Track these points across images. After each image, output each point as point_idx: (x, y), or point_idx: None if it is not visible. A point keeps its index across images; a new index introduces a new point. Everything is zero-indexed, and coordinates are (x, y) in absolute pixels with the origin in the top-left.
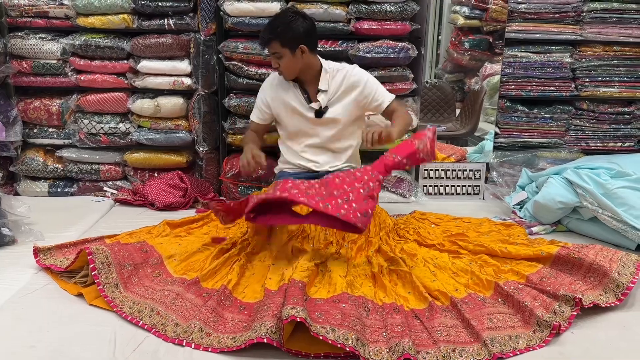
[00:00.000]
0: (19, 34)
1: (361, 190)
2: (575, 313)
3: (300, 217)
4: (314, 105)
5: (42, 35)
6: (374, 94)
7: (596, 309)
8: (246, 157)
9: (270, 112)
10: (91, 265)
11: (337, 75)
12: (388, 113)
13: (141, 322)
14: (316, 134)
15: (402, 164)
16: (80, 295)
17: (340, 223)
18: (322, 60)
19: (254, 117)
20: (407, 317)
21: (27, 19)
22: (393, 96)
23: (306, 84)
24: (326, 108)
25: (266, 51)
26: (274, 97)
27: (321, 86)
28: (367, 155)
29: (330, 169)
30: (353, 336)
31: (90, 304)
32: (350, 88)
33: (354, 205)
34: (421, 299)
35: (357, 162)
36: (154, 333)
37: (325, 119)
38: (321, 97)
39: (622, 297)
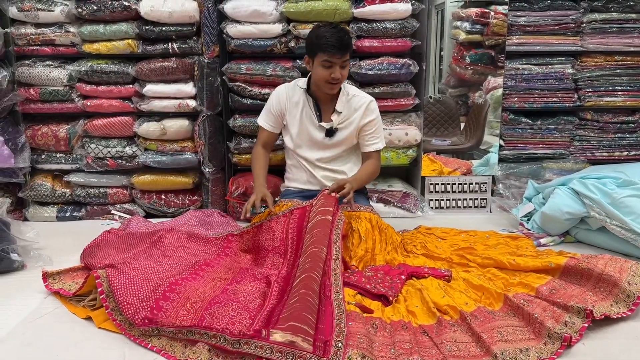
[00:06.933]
0: (26, 62)
1: (386, 283)
2: (586, 325)
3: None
4: (325, 124)
5: (49, 62)
6: (374, 134)
7: (607, 320)
8: (255, 199)
9: (282, 121)
10: (99, 289)
11: (353, 100)
12: (365, 155)
13: (150, 344)
14: (320, 152)
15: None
16: (89, 318)
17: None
18: None
19: (266, 124)
20: (416, 334)
21: (34, 47)
22: (383, 145)
23: (321, 101)
24: (336, 129)
25: (334, 59)
26: (290, 108)
27: (338, 107)
28: None
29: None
30: (358, 354)
31: (99, 327)
32: (363, 118)
33: (379, 286)
34: (430, 315)
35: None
36: (163, 355)
37: (334, 140)
38: (334, 118)
39: (633, 307)
